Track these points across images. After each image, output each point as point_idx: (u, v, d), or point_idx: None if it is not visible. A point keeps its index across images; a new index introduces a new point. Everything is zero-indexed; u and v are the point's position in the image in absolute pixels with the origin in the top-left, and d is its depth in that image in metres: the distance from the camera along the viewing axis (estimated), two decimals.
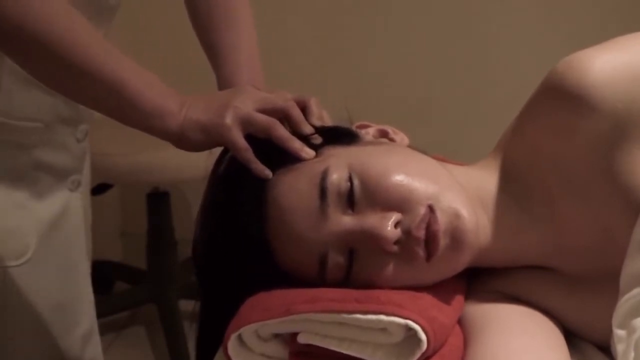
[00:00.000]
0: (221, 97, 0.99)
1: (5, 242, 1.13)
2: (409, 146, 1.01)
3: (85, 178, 1.29)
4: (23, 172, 1.14)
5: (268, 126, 0.95)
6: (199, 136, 0.97)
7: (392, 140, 1.01)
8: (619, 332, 0.79)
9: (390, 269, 0.88)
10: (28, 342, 1.19)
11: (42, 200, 1.17)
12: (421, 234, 0.87)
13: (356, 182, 0.89)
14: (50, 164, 1.17)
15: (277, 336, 0.87)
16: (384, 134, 1.02)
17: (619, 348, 0.78)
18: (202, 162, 1.02)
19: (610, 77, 0.88)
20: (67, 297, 1.24)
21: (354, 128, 1.02)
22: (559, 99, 0.90)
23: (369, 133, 1.01)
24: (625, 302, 0.80)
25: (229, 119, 0.95)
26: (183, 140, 0.98)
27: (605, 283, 0.88)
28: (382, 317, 0.81)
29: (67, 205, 1.22)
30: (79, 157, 1.24)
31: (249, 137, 0.96)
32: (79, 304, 1.27)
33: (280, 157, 0.93)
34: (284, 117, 0.97)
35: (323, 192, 0.89)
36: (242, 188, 0.93)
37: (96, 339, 1.30)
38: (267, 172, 0.92)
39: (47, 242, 1.18)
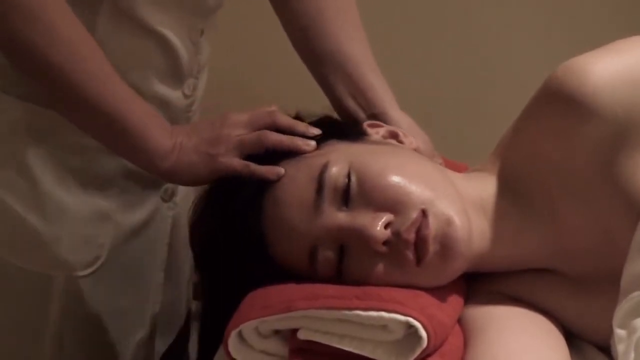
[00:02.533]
0: (209, 131, 0.99)
1: (76, 251, 1.10)
2: (416, 150, 1.01)
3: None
4: (113, 180, 1.10)
5: (259, 140, 0.96)
6: (192, 178, 0.99)
7: (400, 142, 1.01)
8: (619, 332, 0.79)
9: (380, 269, 0.89)
10: (80, 345, 1.16)
11: (129, 211, 1.13)
12: (411, 237, 0.87)
13: (354, 179, 0.90)
14: (141, 171, 1.10)
15: (277, 333, 0.87)
16: (393, 136, 1.02)
17: (620, 348, 0.79)
18: None
19: (610, 81, 0.88)
20: (130, 304, 1.19)
21: (364, 126, 1.02)
22: (559, 103, 0.90)
23: (379, 133, 1.02)
24: (626, 302, 0.80)
25: (223, 158, 0.96)
26: (175, 179, 1.01)
27: (606, 285, 0.88)
28: (383, 314, 0.81)
29: (154, 215, 1.17)
30: None
31: None
32: (141, 311, 1.21)
33: (280, 151, 0.95)
34: (275, 130, 0.98)
35: (320, 185, 0.90)
36: (241, 179, 0.94)
37: (152, 345, 1.25)
38: (279, 170, 0.93)
39: (122, 251, 1.14)
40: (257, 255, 0.92)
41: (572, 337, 0.96)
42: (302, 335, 0.84)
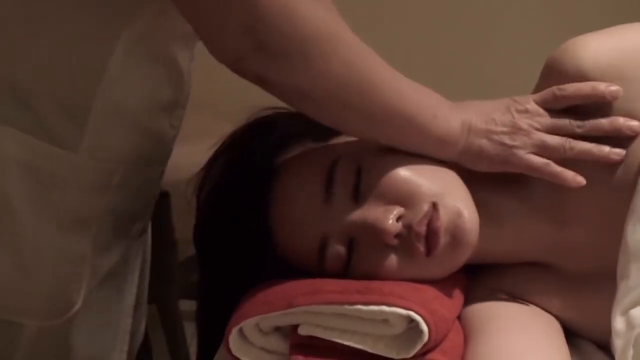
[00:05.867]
0: (502, 116, 0.93)
1: (51, 297, 1.00)
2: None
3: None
4: (92, 219, 1.01)
5: (563, 148, 0.91)
6: (483, 164, 0.94)
7: None
8: (617, 327, 0.80)
9: (389, 262, 0.89)
10: None
11: (104, 251, 1.04)
12: (422, 229, 0.88)
13: (364, 173, 0.90)
14: (121, 210, 1.04)
15: (277, 330, 0.87)
16: None
17: (618, 343, 0.79)
18: (203, 162, 1.03)
19: (595, 51, 0.92)
20: (99, 353, 1.11)
21: None
22: (548, 76, 0.94)
23: None
24: (625, 296, 0.81)
25: (519, 151, 0.92)
26: (466, 163, 0.95)
27: (606, 280, 0.88)
28: (384, 307, 0.81)
29: (126, 255, 1.09)
30: (147, 201, 1.12)
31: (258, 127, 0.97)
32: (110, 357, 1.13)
33: (293, 140, 0.95)
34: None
35: (330, 180, 0.90)
36: (248, 170, 0.94)
37: None
38: (580, 179, 0.90)
39: (95, 296, 1.05)
40: (263, 249, 0.92)
41: (570, 335, 0.95)
42: (303, 330, 0.84)
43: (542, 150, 0.92)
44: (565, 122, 0.93)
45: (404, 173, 0.90)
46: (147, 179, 1.10)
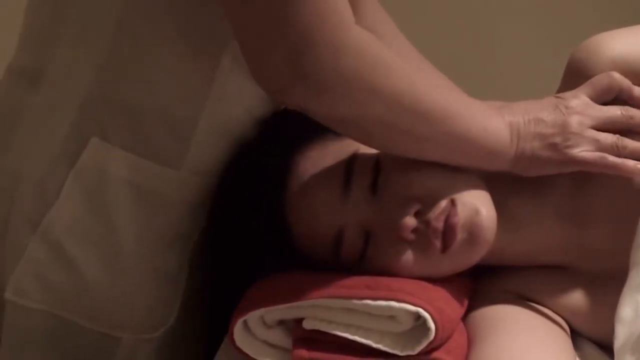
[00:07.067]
0: (550, 114, 0.92)
1: (148, 311, 1.00)
2: None
3: None
4: (191, 234, 1.00)
5: (616, 147, 0.91)
6: (536, 169, 0.92)
7: None
8: (623, 314, 0.80)
9: (404, 257, 0.89)
10: None
11: (198, 266, 1.02)
12: (440, 225, 0.88)
13: (382, 168, 0.90)
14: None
15: (281, 323, 0.87)
16: None
17: (621, 331, 0.79)
18: None
19: (624, 50, 0.94)
20: None
21: None
22: (576, 75, 0.95)
23: None
24: (636, 283, 0.81)
25: (573, 150, 0.90)
26: (519, 170, 0.93)
27: (619, 282, 0.88)
28: (393, 303, 0.81)
29: None
30: None
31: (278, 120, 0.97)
32: None
33: (311, 131, 0.94)
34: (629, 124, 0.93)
35: (349, 173, 0.90)
36: (267, 161, 0.94)
37: None
38: None
39: (187, 311, 1.03)
40: (278, 240, 0.91)
41: (573, 335, 0.95)
42: (307, 324, 0.84)
43: (597, 149, 0.91)
44: (617, 114, 0.93)
45: (423, 169, 0.90)
46: None
